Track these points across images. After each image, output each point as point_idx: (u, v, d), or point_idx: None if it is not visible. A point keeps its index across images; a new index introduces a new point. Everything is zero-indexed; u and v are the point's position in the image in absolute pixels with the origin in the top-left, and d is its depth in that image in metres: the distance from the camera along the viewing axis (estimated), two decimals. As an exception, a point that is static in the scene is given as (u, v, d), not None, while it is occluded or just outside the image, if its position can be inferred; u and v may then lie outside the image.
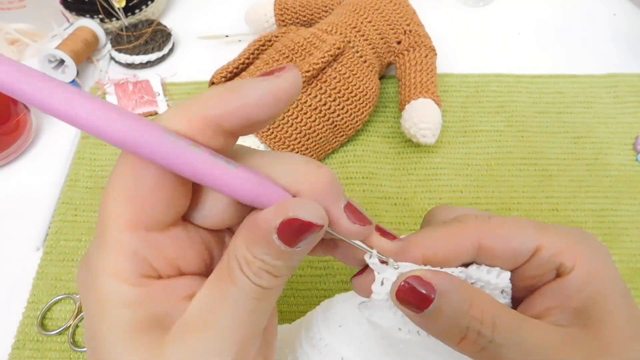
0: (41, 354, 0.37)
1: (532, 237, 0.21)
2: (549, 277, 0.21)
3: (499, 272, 0.21)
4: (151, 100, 0.51)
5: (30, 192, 0.45)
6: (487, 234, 0.21)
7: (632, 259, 0.42)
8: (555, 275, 0.21)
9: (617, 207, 0.44)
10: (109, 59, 0.55)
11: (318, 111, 0.44)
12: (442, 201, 0.45)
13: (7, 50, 0.54)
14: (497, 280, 0.21)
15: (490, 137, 0.49)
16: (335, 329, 0.24)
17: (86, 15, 0.55)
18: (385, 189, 0.45)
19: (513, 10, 0.60)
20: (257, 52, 0.48)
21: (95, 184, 0.46)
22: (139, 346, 0.17)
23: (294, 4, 0.52)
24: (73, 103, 0.15)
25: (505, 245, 0.21)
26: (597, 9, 0.60)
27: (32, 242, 0.42)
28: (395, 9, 0.48)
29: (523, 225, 0.21)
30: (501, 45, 0.57)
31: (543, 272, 0.21)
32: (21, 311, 0.39)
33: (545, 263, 0.20)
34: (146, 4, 0.56)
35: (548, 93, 0.52)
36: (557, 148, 0.48)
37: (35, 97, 0.15)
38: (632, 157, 0.47)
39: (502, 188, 0.45)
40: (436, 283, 0.19)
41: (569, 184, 0.46)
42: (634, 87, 0.52)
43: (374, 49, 0.47)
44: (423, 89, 0.45)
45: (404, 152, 0.48)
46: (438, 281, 0.19)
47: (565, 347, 0.19)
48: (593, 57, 0.55)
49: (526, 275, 0.21)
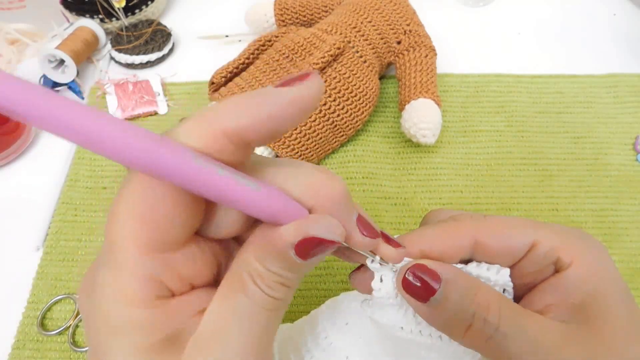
0: (41, 354, 0.37)
1: (527, 234, 0.21)
2: (547, 273, 0.21)
3: (499, 268, 0.21)
4: (151, 100, 0.51)
5: (30, 192, 0.45)
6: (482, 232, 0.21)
7: (632, 259, 0.42)
8: (554, 271, 0.21)
9: (617, 207, 0.44)
10: (109, 59, 0.55)
11: (318, 111, 0.43)
12: (442, 201, 0.45)
13: (7, 50, 0.54)
14: (497, 276, 0.21)
15: (490, 137, 0.49)
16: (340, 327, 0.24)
17: (86, 15, 0.55)
18: (385, 189, 0.45)
19: (513, 10, 0.60)
20: (257, 52, 0.48)
21: (95, 184, 0.46)
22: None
23: (294, 4, 0.52)
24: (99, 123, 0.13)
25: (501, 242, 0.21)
26: (597, 9, 0.60)
27: (32, 242, 0.42)
28: (395, 9, 0.48)
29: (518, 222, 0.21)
30: (501, 45, 0.57)
31: (540, 267, 0.21)
32: (21, 311, 0.39)
33: (542, 259, 0.20)
34: (146, 4, 0.56)
35: (548, 93, 0.52)
36: (557, 148, 0.48)
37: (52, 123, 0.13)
38: (632, 157, 0.47)
39: (502, 188, 0.45)
40: (441, 272, 0.19)
41: (569, 184, 0.46)
42: (634, 87, 0.52)
43: (374, 49, 0.47)
44: (423, 89, 0.45)
45: (404, 152, 0.48)
46: (443, 270, 0.19)
47: (567, 343, 0.19)
48: (593, 57, 0.55)
49: (524, 271, 0.21)
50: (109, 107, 0.50)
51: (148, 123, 0.50)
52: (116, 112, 0.50)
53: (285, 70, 0.45)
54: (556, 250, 0.20)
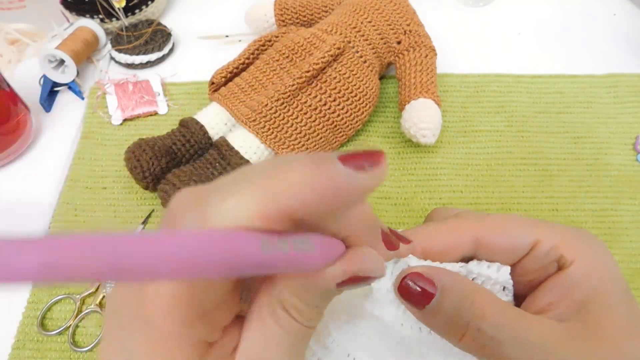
0: (41, 354, 0.37)
1: (530, 232, 0.21)
2: (550, 270, 0.21)
3: (499, 266, 0.21)
4: (151, 100, 0.51)
5: (30, 192, 0.45)
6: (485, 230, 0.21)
7: (632, 259, 0.42)
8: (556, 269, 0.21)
9: (617, 207, 0.44)
10: (109, 59, 0.55)
11: (318, 111, 0.43)
12: (442, 201, 0.45)
13: (7, 50, 0.54)
14: (497, 274, 0.21)
15: (490, 137, 0.49)
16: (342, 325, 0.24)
17: (86, 15, 0.55)
18: (385, 189, 0.45)
19: (513, 10, 0.60)
20: (257, 52, 0.48)
21: (95, 184, 0.46)
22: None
23: (294, 4, 0.52)
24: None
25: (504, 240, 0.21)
26: (597, 9, 0.60)
27: (32, 242, 0.42)
28: (395, 9, 0.48)
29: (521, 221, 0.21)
30: (501, 45, 0.57)
31: (543, 265, 0.21)
32: (21, 311, 0.39)
33: (544, 256, 0.20)
34: (146, 4, 0.56)
35: (548, 93, 0.52)
36: (557, 148, 0.48)
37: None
38: (632, 157, 0.47)
39: (502, 188, 0.45)
40: (438, 279, 0.19)
41: (569, 184, 0.46)
42: (634, 87, 0.52)
43: (374, 49, 0.47)
44: (423, 89, 0.45)
45: (404, 152, 0.48)
46: (439, 278, 0.19)
47: (565, 343, 0.19)
48: (593, 57, 0.55)
49: (527, 269, 0.21)
50: (109, 107, 0.50)
51: (148, 123, 0.50)
52: (116, 112, 0.50)
53: (285, 70, 0.45)
54: (558, 248, 0.20)
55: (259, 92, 0.45)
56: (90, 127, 0.49)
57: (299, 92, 0.43)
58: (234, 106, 0.44)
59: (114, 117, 0.50)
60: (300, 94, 0.43)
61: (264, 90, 0.44)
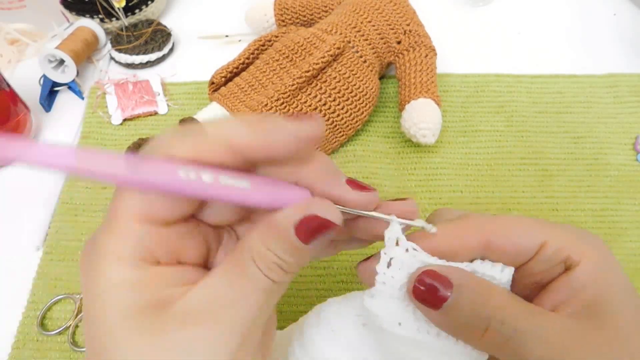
0: (41, 354, 0.37)
1: (537, 234, 0.21)
2: (556, 271, 0.21)
3: (503, 267, 0.21)
4: (151, 100, 0.51)
5: (30, 192, 0.45)
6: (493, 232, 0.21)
7: (632, 259, 0.42)
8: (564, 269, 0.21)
9: (617, 207, 0.44)
10: (109, 59, 0.55)
11: (318, 111, 0.44)
12: (442, 201, 0.45)
13: (7, 50, 0.54)
14: (501, 274, 0.21)
15: (490, 137, 0.49)
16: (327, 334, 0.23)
17: (86, 15, 0.55)
18: (386, 189, 0.45)
19: (513, 10, 0.60)
20: (257, 52, 0.48)
21: (95, 184, 0.46)
22: (139, 328, 0.17)
23: (294, 4, 0.52)
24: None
25: (512, 242, 0.21)
26: (597, 9, 0.60)
27: (32, 242, 0.42)
28: (395, 9, 0.48)
29: (528, 223, 0.21)
30: (501, 45, 0.57)
31: (550, 266, 0.21)
32: (21, 311, 0.39)
33: (551, 258, 0.20)
34: (146, 4, 0.56)
35: (548, 93, 0.52)
36: (557, 148, 0.48)
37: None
38: (632, 157, 0.47)
39: (502, 188, 0.45)
40: (452, 277, 0.19)
41: (569, 184, 0.46)
42: (634, 87, 0.52)
43: (374, 49, 0.47)
44: (423, 89, 0.45)
45: (404, 152, 0.48)
46: (454, 274, 0.19)
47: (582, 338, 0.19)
48: (593, 57, 0.55)
49: (534, 271, 0.21)
50: (109, 107, 0.50)
51: (148, 123, 0.50)
52: (116, 112, 0.50)
53: (285, 70, 0.45)
54: (565, 249, 0.20)
55: (259, 92, 0.45)
56: (90, 127, 0.49)
57: (299, 92, 0.43)
58: (234, 106, 0.44)
59: (114, 117, 0.50)
60: (300, 94, 0.43)
61: (264, 90, 0.44)
